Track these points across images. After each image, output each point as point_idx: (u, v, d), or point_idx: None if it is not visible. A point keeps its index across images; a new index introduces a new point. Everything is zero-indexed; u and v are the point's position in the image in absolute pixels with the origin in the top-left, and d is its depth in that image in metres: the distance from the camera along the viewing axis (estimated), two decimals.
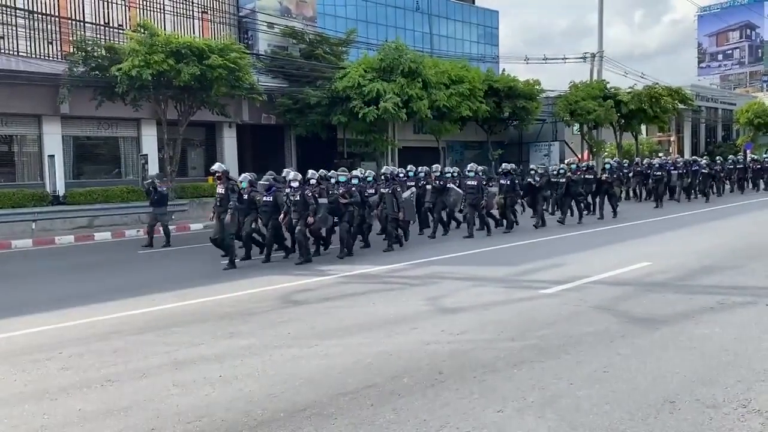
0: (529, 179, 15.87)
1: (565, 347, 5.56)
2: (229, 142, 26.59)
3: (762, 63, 72.43)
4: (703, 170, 22.64)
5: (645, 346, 5.56)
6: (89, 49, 20.16)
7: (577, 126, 35.99)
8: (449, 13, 42.58)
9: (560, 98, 33.90)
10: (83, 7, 23.44)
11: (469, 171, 14.48)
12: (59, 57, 21.74)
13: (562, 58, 36.03)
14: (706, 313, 6.65)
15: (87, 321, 7.29)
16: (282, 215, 11.25)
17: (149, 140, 23.67)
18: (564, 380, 4.74)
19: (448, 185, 14.65)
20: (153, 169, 22.16)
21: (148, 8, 24.57)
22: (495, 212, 15.29)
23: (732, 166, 26.85)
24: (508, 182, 14.91)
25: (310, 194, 11.06)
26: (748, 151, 39.39)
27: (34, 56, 21.44)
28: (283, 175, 12.27)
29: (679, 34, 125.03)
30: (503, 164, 15.80)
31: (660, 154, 39.61)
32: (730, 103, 52.61)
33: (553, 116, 35.72)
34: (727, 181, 26.49)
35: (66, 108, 20.99)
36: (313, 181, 11.44)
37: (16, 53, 20.93)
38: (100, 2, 23.94)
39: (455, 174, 15.56)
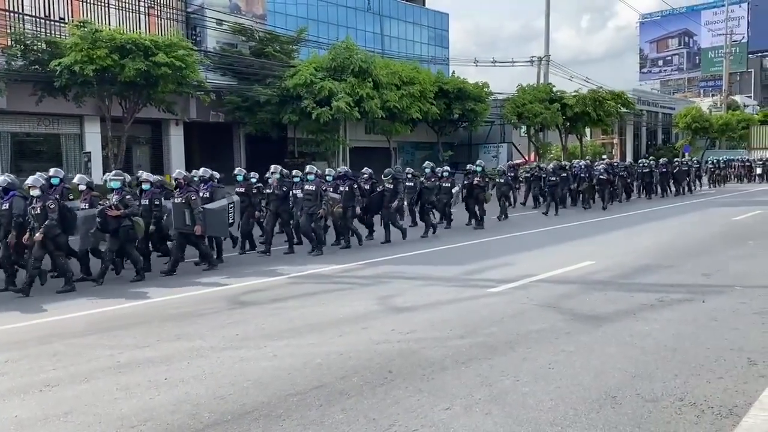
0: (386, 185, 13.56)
1: (512, 344, 5.67)
2: (176, 140, 26.04)
3: (699, 69, 75.38)
4: (601, 175, 20.61)
5: (588, 342, 5.72)
6: (28, 42, 19.43)
7: (524, 128, 36.78)
8: (400, 15, 42.85)
9: (508, 101, 34.57)
10: None
11: (307, 173, 11.92)
12: None
13: (511, 62, 36.94)
14: (646, 310, 6.88)
15: (24, 324, 7.03)
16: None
17: (93, 137, 22.97)
18: (510, 377, 4.83)
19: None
20: (96, 167, 21.50)
21: (93, 2, 23.84)
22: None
23: (640, 170, 25.18)
24: (347, 189, 12.52)
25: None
26: (687, 154, 40.93)
27: None
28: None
29: (623, 40, 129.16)
30: (341, 167, 13.67)
31: (604, 156, 40.78)
32: (669, 107, 54.60)
33: (501, 118, 36.38)
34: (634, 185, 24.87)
35: (3, 103, 20.16)
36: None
37: None
38: None
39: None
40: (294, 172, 13.10)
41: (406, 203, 14.43)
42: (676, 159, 30.63)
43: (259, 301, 8.04)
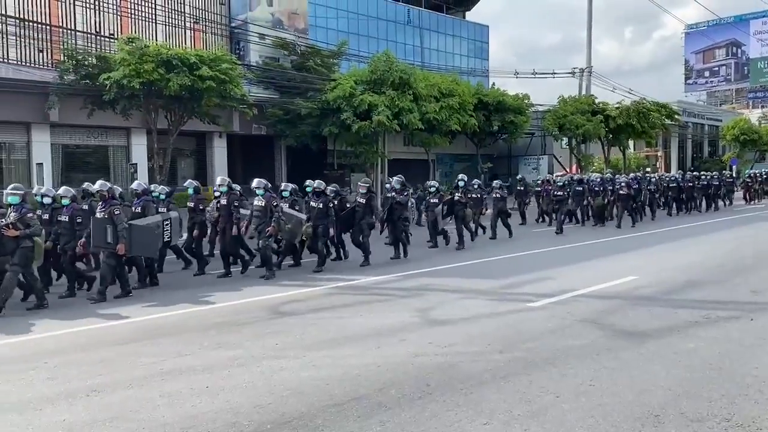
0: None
1: (551, 360, 5.59)
2: (219, 152, 26.61)
3: (748, 80, 73.37)
4: (621, 190, 18.82)
5: (631, 359, 5.60)
6: (80, 57, 20.16)
7: (565, 140, 36.37)
8: (440, 27, 42.94)
9: (549, 112, 34.27)
10: (74, 15, 23.47)
11: (255, 187, 10.93)
12: (50, 65, 21.72)
13: (552, 73, 36.43)
14: (691, 327, 6.71)
15: (73, 330, 7.24)
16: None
17: (139, 149, 23.66)
18: (550, 393, 4.77)
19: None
20: (142, 178, 22.08)
21: (141, 18, 24.60)
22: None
23: (666, 184, 23.33)
24: (320, 205, 11.50)
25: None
26: (734, 167, 39.75)
27: (24, 64, 21.40)
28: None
29: (668, 51, 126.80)
30: (316, 181, 12.15)
31: (647, 169, 40.02)
32: (716, 119, 53.33)
33: (542, 130, 36.07)
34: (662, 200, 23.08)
35: (55, 116, 20.95)
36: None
37: (6, 61, 20.88)
38: (92, 11, 23.94)
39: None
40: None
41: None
42: (724, 171, 29.38)
43: (297, 311, 8.11)
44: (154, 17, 24.87)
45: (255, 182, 11.03)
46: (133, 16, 24.64)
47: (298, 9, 31.25)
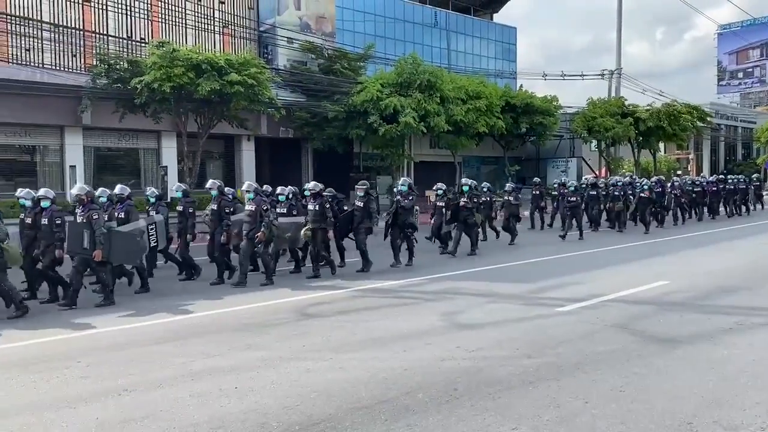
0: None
1: (581, 365, 5.53)
2: (247, 155, 26.88)
3: None
4: (642, 193, 18.15)
5: (662, 365, 5.52)
6: (112, 61, 20.55)
7: (594, 142, 35.94)
8: (467, 29, 42.76)
9: (578, 114, 33.92)
10: (107, 21, 23.92)
11: (245, 190, 10.54)
12: (82, 69, 22.17)
13: (581, 75, 36.13)
14: (725, 333, 6.58)
15: (105, 330, 7.37)
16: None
17: (169, 152, 24.00)
18: (580, 399, 4.72)
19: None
20: (172, 180, 22.40)
21: (171, 23, 24.98)
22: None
23: (691, 188, 22.18)
24: (317, 207, 10.85)
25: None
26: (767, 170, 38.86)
27: (58, 68, 21.87)
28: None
29: (700, 52, 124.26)
30: (311, 183, 11.71)
31: (678, 172, 39.36)
32: (750, 121, 52.22)
33: (570, 132, 35.70)
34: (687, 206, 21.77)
35: (88, 119, 21.37)
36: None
37: (41, 65, 21.35)
38: (124, 16, 24.38)
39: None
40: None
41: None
42: (754, 174, 28.63)
43: (324, 313, 8.15)
44: (184, 22, 25.24)
45: (245, 186, 10.69)
46: (163, 21, 25.04)
47: (326, 13, 31.40)
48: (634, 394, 4.79)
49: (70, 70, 22.30)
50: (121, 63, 20.68)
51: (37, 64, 21.38)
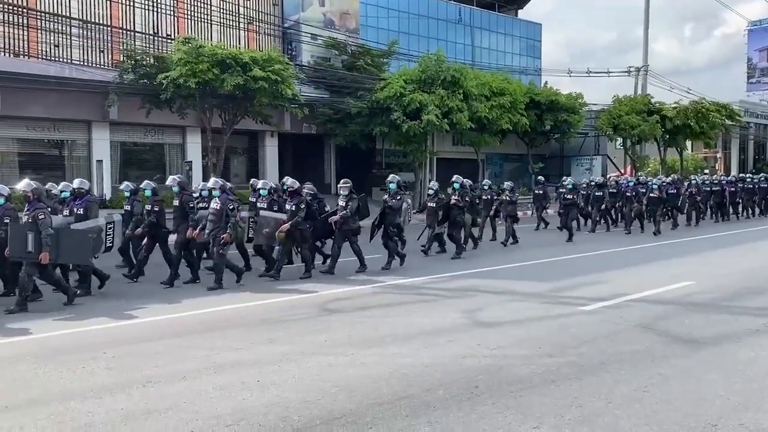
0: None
1: (604, 365, 5.49)
2: (270, 151, 27.03)
3: None
4: (652, 193, 17.64)
5: (687, 366, 5.45)
6: (138, 57, 20.79)
7: (620, 140, 35.49)
8: (492, 26, 42.46)
9: (603, 112, 33.50)
10: (134, 17, 24.18)
11: (211, 188, 10.21)
12: (110, 65, 22.46)
13: (606, 72, 35.62)
14: (751, 335, 6.48)
15: (129, 323, 7.49)
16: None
17: (194, 147, 24.22)
18: (602, 398, 4.68)
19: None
20: (197, 176, 22.63)
21: (196, 19, 25.19)
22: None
23: (709, 189, 21.61)
24: (293, 207, 10.33)
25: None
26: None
27: (86, 64, 22.19)
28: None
29: (729, 49, 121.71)
30: (289, 179, 10.99)
31: (706, 171, 38.72)
32: None
33: (595, 130, 35.29)
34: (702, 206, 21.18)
35: (114, 114, 21.65)
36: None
37: (69, 61, 21.68)
38: (150, 13, 24.64)
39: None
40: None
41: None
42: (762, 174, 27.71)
43: (345, 309, 8.18)
44: (209, 18, 25.43)
45: (211, 182, 10.37)
46: (189, 17, 25.26)
47: (350, 9, 31.39)
48: (658, 395, 4.74)
49: (98, 66, 22.59)
50: (148, 59, 20.91)
51: (65, 60, 21.69)
